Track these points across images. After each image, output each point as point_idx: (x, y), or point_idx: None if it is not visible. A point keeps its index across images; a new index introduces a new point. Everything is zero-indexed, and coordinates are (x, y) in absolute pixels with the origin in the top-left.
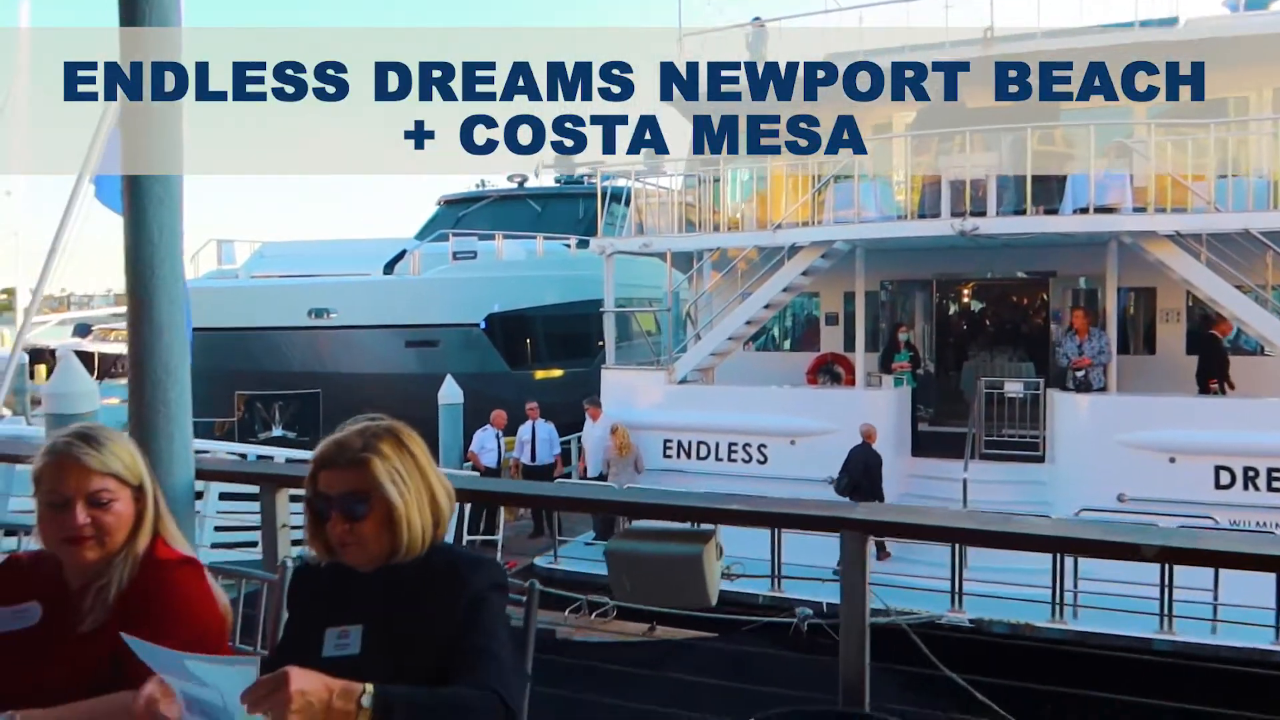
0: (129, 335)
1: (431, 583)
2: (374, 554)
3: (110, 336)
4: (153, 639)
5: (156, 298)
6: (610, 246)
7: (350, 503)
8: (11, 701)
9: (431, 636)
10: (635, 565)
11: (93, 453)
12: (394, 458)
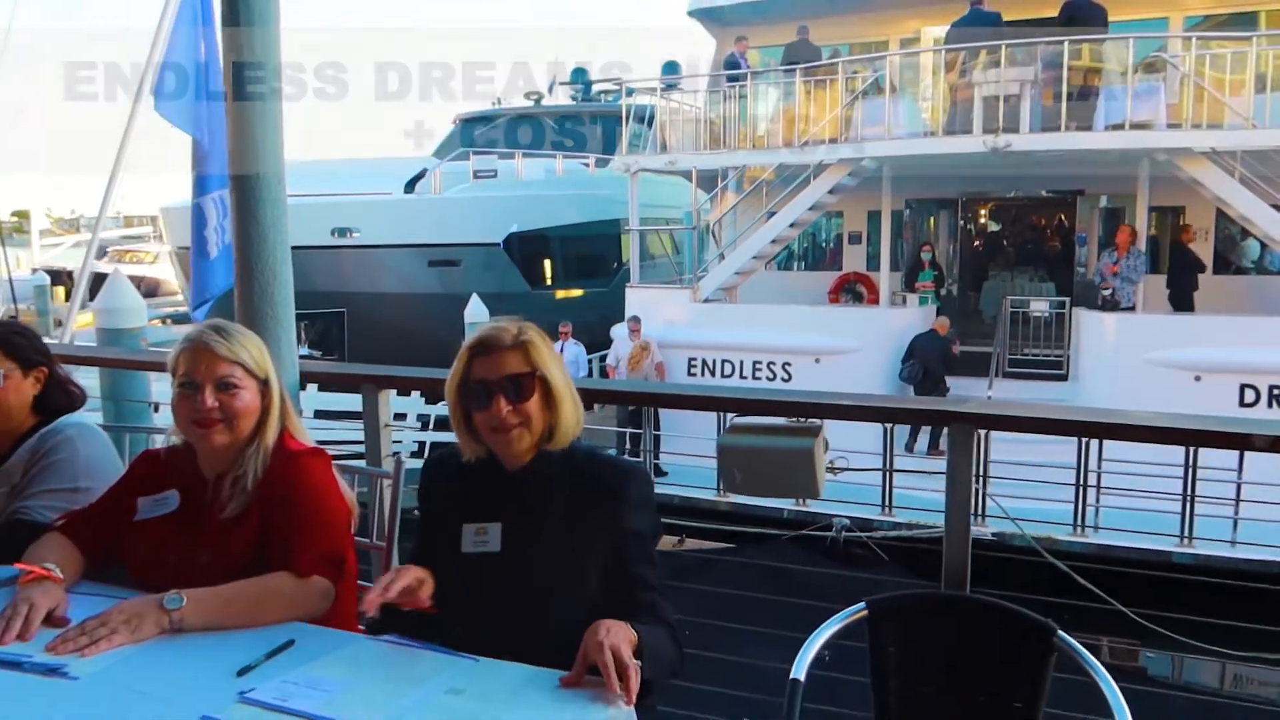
0: (236, 241)
1: (578, 484)
2: (537, 434)
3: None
4: (289, 524)
5: (261, 205)
6: (635, 164)
7: (515, 383)
8: (167, 581)
9: (578, 539)
10: (747, 459)
11: (222, 341)
12: (544, 348)
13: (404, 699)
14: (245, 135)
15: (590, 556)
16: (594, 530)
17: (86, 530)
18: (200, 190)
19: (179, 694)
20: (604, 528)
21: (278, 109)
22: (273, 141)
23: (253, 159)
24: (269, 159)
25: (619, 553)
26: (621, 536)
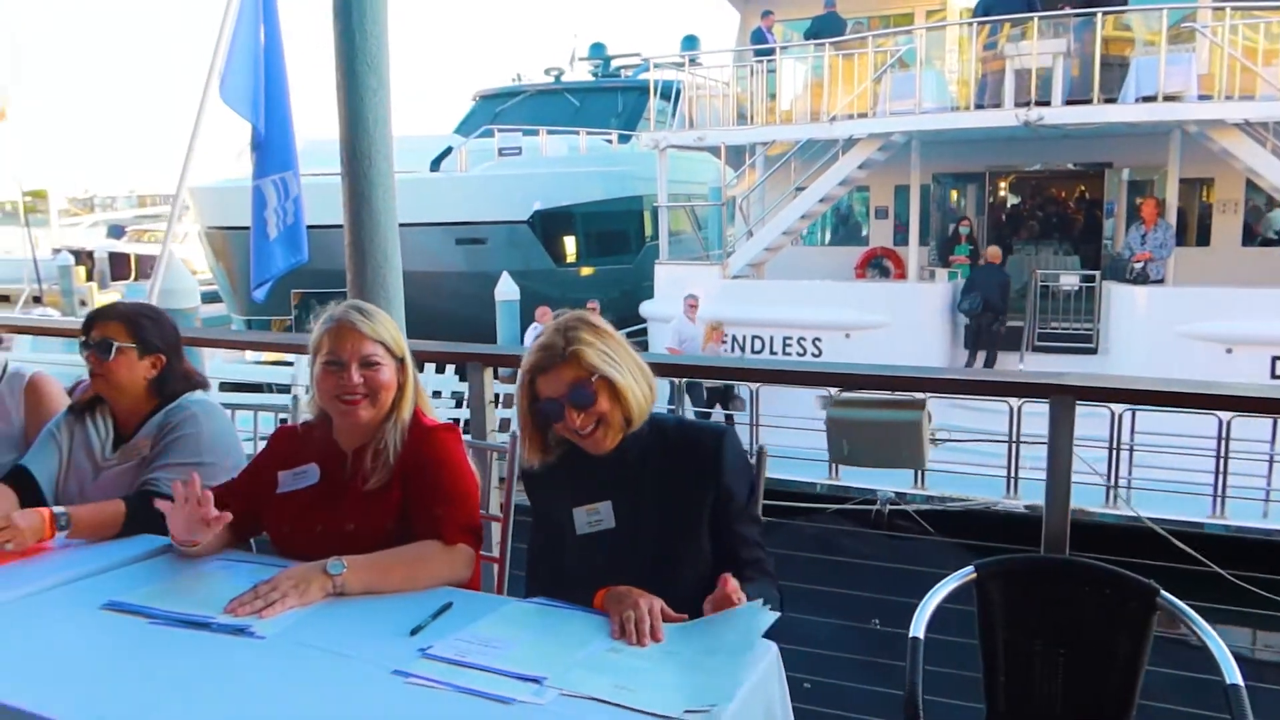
0: (347, 224)
1: (672, 452)
2: (616, 425)
3: (143, 238)
4: (433, 495)
5: (374, 187)
6: (663, 140)
7: (578, 392)
8: (314, 549)
9: (682, 504)
10: (856, 430)
11: (365, 321)
12: (596, 341)
13: (572, 655)
14: (356, 121)
15: (696, 519)
16: (695, 493)
17: (229, 503)
18: (260, 173)
19: (360, 652)
20: (704, 490)
21: (387, 95)
22: (382, 127)
23: (364, 144)
24: (379, 144)
25: (721, 512)
26: (721, 496)
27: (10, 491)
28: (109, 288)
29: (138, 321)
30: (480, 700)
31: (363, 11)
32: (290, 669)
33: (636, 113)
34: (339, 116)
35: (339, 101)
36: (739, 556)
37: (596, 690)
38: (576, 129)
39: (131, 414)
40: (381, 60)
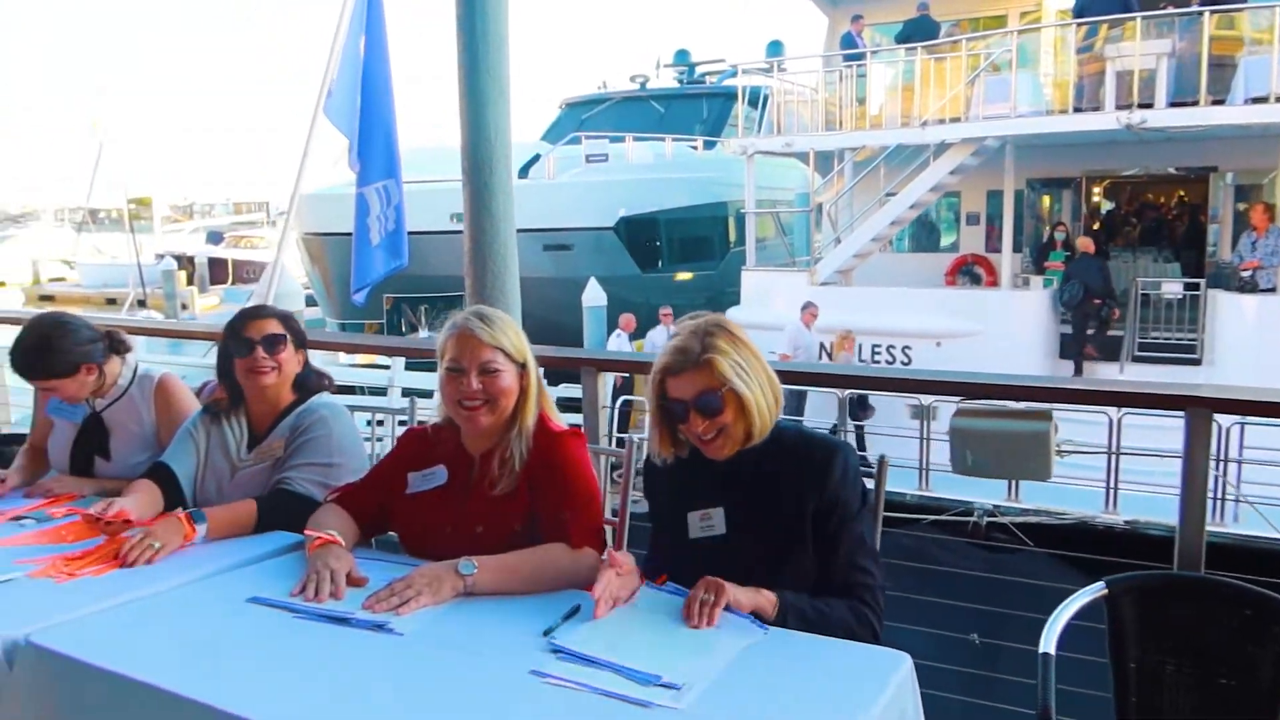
0: (468, 230)
1: (786, 460)
2: (734, 441)
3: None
4: (560, 500)
5: (494, 194)
6: (751, 147)
7: (705, 401)
8: (443, 549)
9: (793, 514)
10: (981, 441)
11: (485, 328)
12: (731, 350)
13: (707, 658)
14: (478, 130)
15: (800, 531)
16: (800, 505)
17: (359, 502)
18: (364, 180)
19: (495, 650)
20: (807, 502)
21: (507, 105)
22: (502, 136)
23: (485, 152)
24: (499, 152)
25: (822, 527)
26: (823, 510)
27: (155, 487)
28: (208, 291)
29: (288, 318)
30: (617, 702)
31: (485, 24)
32: (430, 665)
33: (721, 119)
34: (460, 125)
35: (461, 111)
36: (834, 577)
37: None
38: (662, 135)
39: (268, 413)
40: (503, 71)
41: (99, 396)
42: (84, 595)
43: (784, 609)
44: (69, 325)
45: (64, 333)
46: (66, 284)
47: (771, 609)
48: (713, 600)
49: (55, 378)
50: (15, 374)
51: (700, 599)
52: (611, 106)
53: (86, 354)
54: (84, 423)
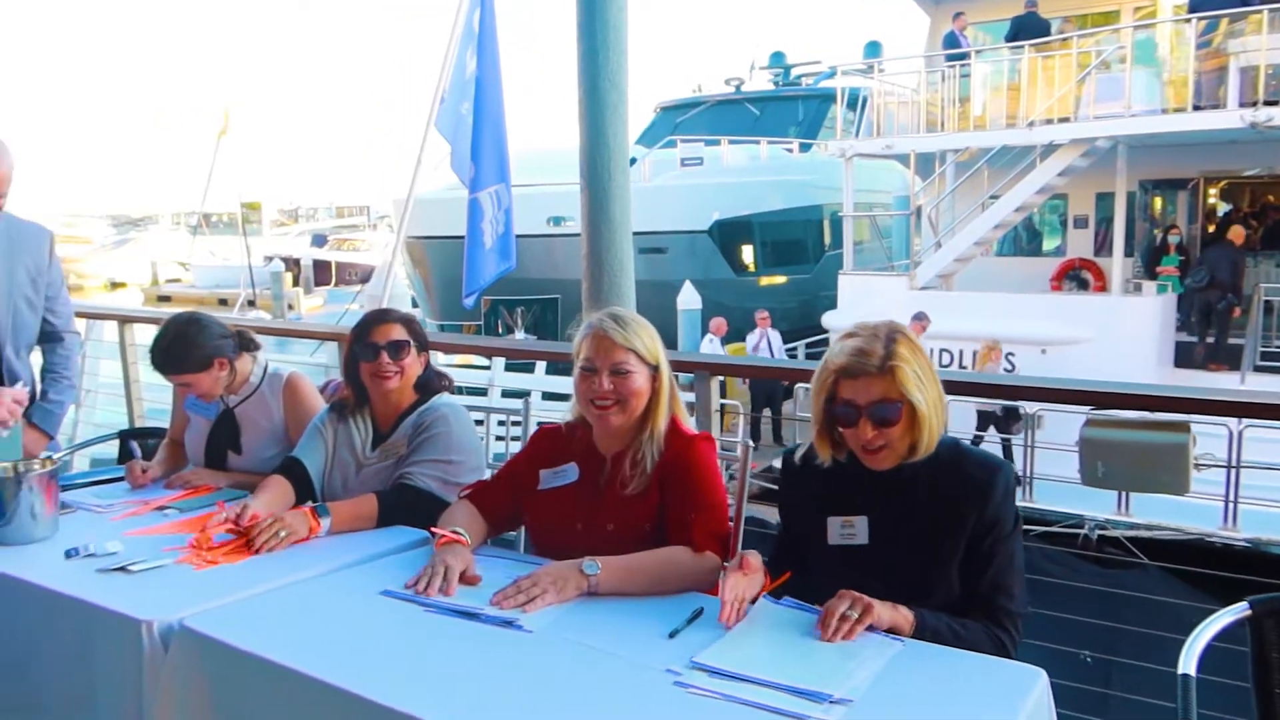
0: (586, 235)
1: (944, 475)
2: (897, 454)
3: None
4: (687, 503)
5: (612, 200)
6: (850, 149)
7: (881, 410)
8: (573, 547)
9: (943, 533)
10: (1114, 452)
11: (618, 329)
12: (913, 360)
13: (845, 665)
14: (598, 135)
15: (951, 551)
16: (955, 524)
17: (491, 498)
18: (477, 186)
19: (624, 650)
20: (964, 523)
21: (626, 111)
22: (621, 142)
23: (605, 158)
24: (618, 158)
25: (975, 549)
26: (979, 532)
27: (286, 482)
28: (313, 292)
29: (410, 322)
30: (768, 714)
31: (605, 31)
32: (561, 663)
33: (818, 121)
34: (580, 131)
35: (580, 117)
36: (978, 597)
37: None
38: (757, 138)
39: (391, 412)
40: (623, 78)
41: (231, 393)
42: (227, 583)
43: (921, 628)
44: (203, 322)
45: (198, 329)
46: (181, 285)
47: (909, 628)
48: (856, 617)
49: (190, 372)
50: (155, 371)
51: (843, 613)
52: (706, 109)
53: (219, 349)
54: (218, 418)
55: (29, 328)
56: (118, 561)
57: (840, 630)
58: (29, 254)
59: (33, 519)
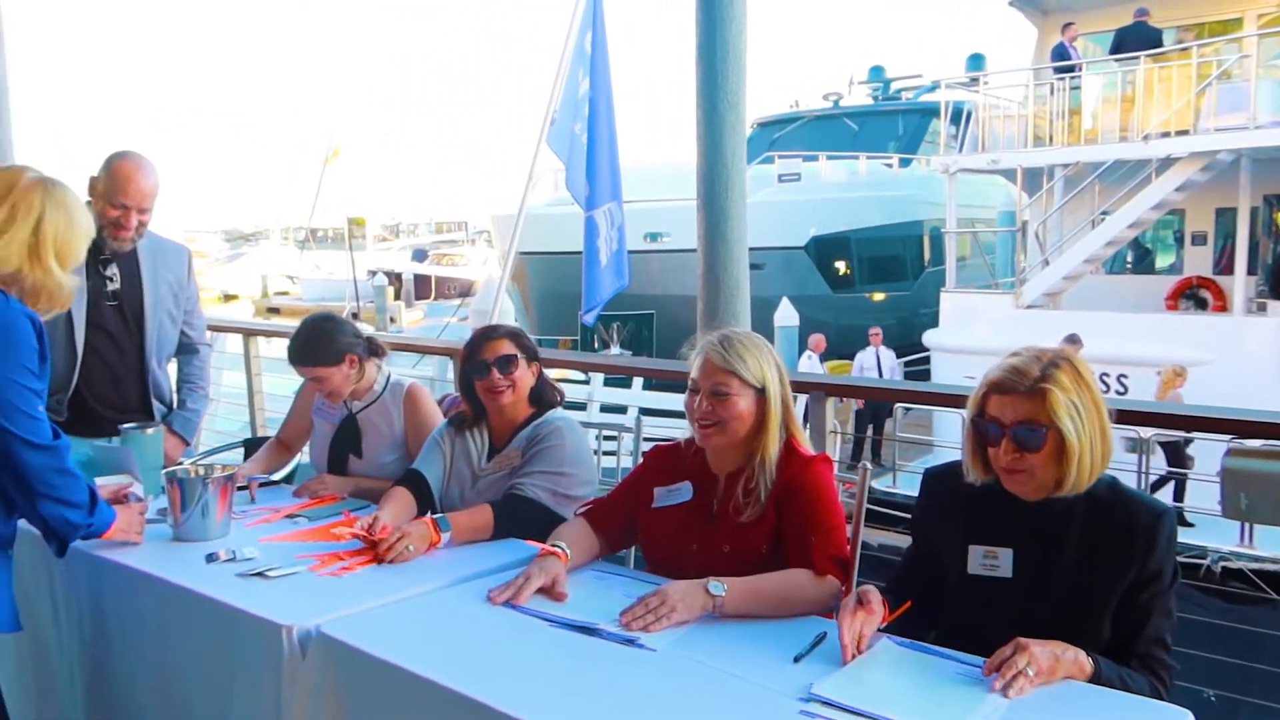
0: (701, 253)
1: (1104, 518)
2: (1040, 484)
3: (442, 261)
4: (806, 526)
5: (729, 218)
6: (954, 164)
7: (1024, 432)
8: (689, 567)
9: (1094, 577)
10: (1261, 484)
11: (721, 352)
12: (1072, 390)
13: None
14: (715, 155)
15: (1106, 597)
16: (1114, 571)
17: (606, 515)
18: (592, 204)
19: (750, 673)
20: (1125, 570)
21: (744, 131)
22: (739, 161)
23: (723, 177)
24: (735, 177)
25: (1132, 598)
26: (1140, 582)
27: (409, 494)
28: (413, 306)
29: (518, 335)
30: None
31: (725, 53)
32: (688, 684)
33: (918, 135)
34: (697, 151)
35: (698, 137)
36: (1134, 650)
37: None
38: (856, 154)
39: (506, 425)
40: (741, 98)
41: (356, 399)
42: (359, 591)
43: (1095, 678)
44: (337, 320)
45: (333, 325)
46: (289, 297)
47: (1083, 677)
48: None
49: (324, 365)
50: (291, 365)
51: (1020, 670)
52: (804, 125)
53: (351, 345)
54: (341, 424)
55: (170, 341)
56: (255, 567)
57: (1011, 685)
58: (171, 271)
59: (211, 520)
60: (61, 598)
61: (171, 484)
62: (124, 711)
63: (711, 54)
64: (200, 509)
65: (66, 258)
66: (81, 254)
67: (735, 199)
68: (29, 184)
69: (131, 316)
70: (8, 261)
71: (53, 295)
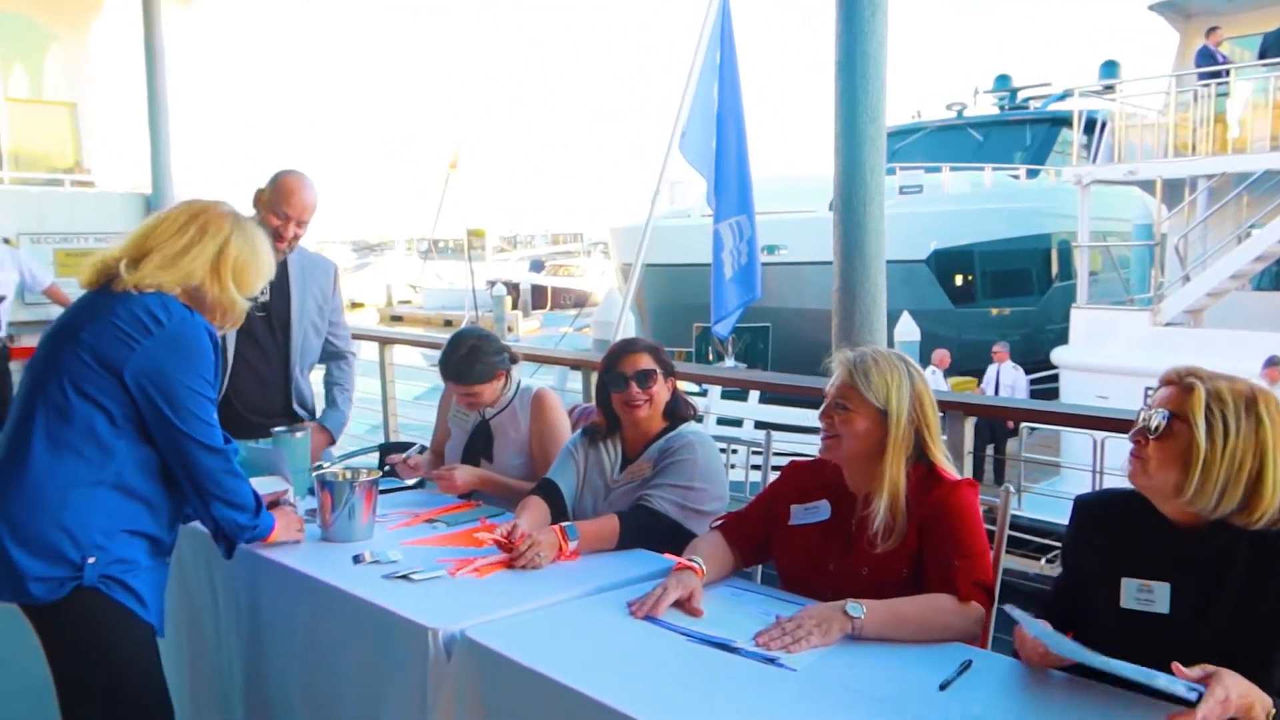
0: (837, 267)
1: (1267, 563)
2: (1155, 484)
3: (558, 272)
4: (951, 550)
5: (867, 233)
6: (1088, 175)
7: (1156, 416)
8: (825, 587)
9: (1260, 620)
10: None
11: (848, 367)
12: (1231, 406)
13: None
14: (854, 168)
15: (1271, 641)
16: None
17: (741, 530)
18: (720, 216)
19: (897, 700)
20: None
21: (883, 144)
22: (878, 176)
23: (861, 191)
24: (874, 191)
25: None
26: None
27: (544, 503)
28: (530, 315)
29: (657, 350)
30: None
31: (865, 65)
32: (832, 707)
33: (1047, 146)
34: (835, 163)
35: (836, 150)
36: None
37: None
38: (981, 165)
39: (641, 438)
40: (881, 112)
41: (489, 406)
42: (501, 597)
43: None
44: (487, 338)
45: (485, 344)
46: (411, 306)
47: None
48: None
49: (479, 383)
50: (446, 381)
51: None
52: (926, 135)
53: (501, 362)
54: (474, 429)
55: (313, 351)
56: (399, 569)
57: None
58: (317, 284)
59: (357, 522)
60: (223, 596)
61: (322, 488)
62: (278, 706)
63: (851, 66)
64: (347, 511)
65: (243, 282)
66: (256, 285)
67: (874, 214)
68: (222, 213)
69: (279, 327)
70: (193, 275)
71: (227, 312)
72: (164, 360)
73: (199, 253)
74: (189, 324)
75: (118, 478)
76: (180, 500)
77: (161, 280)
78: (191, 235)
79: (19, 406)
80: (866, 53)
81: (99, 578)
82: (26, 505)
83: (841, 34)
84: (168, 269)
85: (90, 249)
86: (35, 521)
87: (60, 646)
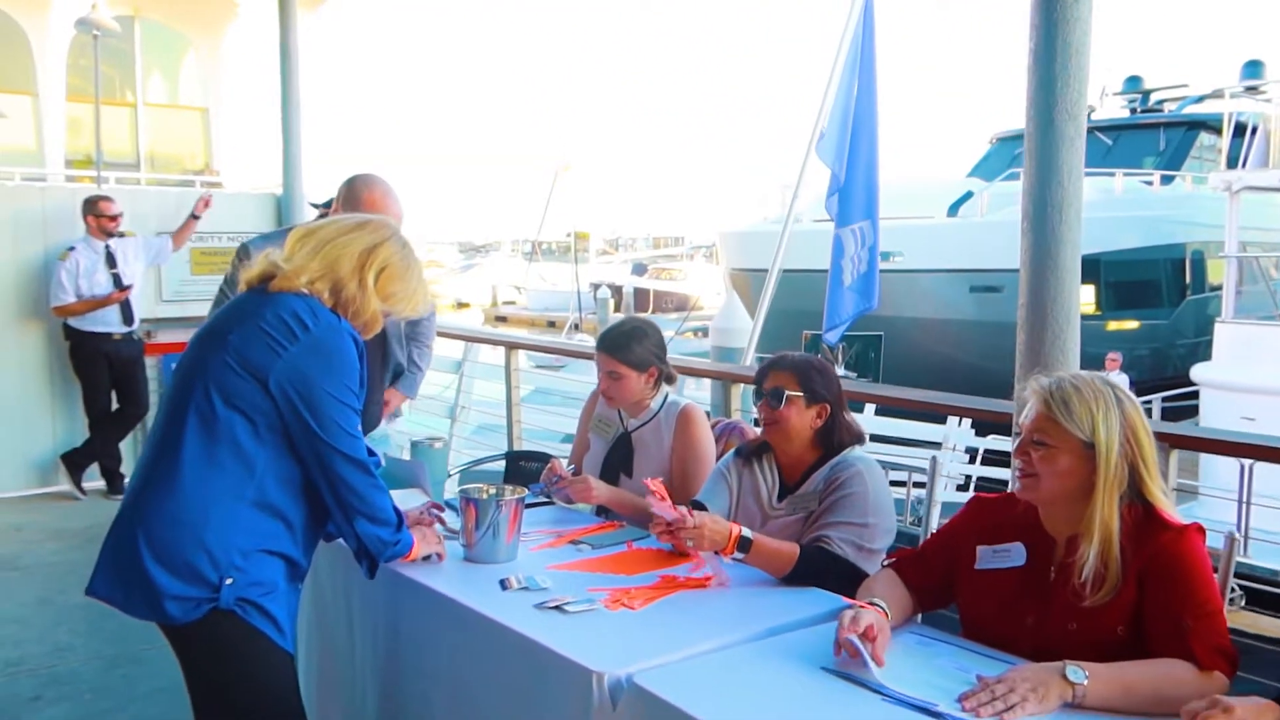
0: (1024, 280)
1: None
2: None
3: (660, 275)
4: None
5: (1062, 243)
6: (1238, 182)
7: None
8: (1021, 642)
9: None
10: None
11: (1047, 396)
12: None
13: None
14: (1050, 171)
15: None
16: None
17: (918, 570)
18: (842, 221)
19: None
20: None
21: (1082, 149)
22: (1076, 180)
23: (1057, 196)
24: (1071, 199)
25: None
26: None
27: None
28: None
29: (806, 372)
30: None
31: (1066, 56)
32: None
33: (1182, 151)
34: (1026, 165)
35: (1028, 151)
36: None
37: None
38: (1110, 170)
39: (795, 463)
40: (1081, 109)
41: (633, 417)
42: (666, 638)
43: None
44: (656, 328)
45: (652, 332)
46: (516, 307)
47: None
48: None
49: (629, 364)
50: (598, 350)
51: None
52: None
53: (658, 358)
54: (615, 442)
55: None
56: (549, 597)
57: None
58: None
59: (501, 542)
60: (358, 613)
61: (467, 505)
62: None
63: (1050, 58)
64: (491, 530)
65: (387, 292)
66: (401, 304)
67: (1071, 222)
68: (389, 223)
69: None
70: (339, 263)
71: (359, 313)
72: (309, 367)
73: (350, 242)
74: (335, 330)
75: (259, 494)
76: (319, 521)
77: (309, 267)
78: (351, 229)
79: (167, 411)
80: (1069, 43)
81: (236, 600)
82: (169, 519)
83: (1040, 23)
84: (317, 254)
85: (225, 248)
86: (177, 537)
87: (195, 667)
